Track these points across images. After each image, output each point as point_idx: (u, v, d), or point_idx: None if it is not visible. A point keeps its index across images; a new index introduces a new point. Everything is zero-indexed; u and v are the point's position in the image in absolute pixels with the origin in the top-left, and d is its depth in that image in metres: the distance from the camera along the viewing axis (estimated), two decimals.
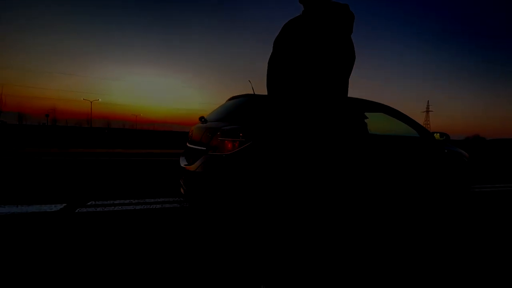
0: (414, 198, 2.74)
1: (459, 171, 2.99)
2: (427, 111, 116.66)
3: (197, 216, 2.29)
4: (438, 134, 2.74)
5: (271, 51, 1.31)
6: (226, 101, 2.83)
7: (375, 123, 2.57)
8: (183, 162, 2.34)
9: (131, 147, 10.39)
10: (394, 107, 2.75)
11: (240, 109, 2.28)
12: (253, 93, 2.47)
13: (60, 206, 2.42)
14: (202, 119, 2.64)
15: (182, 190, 2.27)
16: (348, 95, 1.47)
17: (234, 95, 2.73)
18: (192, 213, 2.37)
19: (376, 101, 2.76)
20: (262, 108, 2.15)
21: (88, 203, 2.54)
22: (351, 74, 1.20)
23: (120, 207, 2.48)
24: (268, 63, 1.28)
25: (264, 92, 2.39)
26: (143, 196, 2.90)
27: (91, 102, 68.56)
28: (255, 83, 2.63)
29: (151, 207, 2.51)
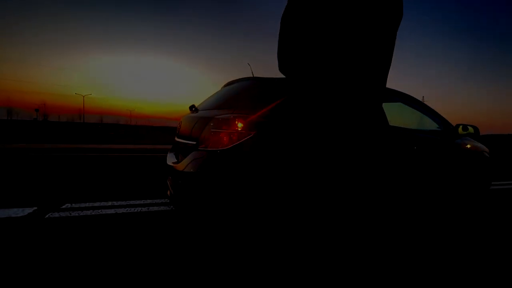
0: (436, 196, 2.48)
1: (481, 167, 2.73)
2: None
3: (188, 222, 1.97)
4: (461, 126, 2.44)
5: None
6: (222, 87, 2.40)
7: (392, 113, 2.26)
8: (170, 160, 1.97)
9: (124, 142, 10.03)
10: None
11: (239, 94, 1.88)
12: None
13: (29, 210, 2.09)
14: (192, 108, 2.20)
15: (168, 193, 1.91)
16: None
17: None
18: (183, 218, 2.05)
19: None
20: (267, 92, 1.76)
21: (63, 206, 2.22)
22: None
23: (99, 210, 2.15)
24: (281, 20, 0.91)
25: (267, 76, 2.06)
26: (128, 197, 2.57)
27: (83, 97, 67.46)
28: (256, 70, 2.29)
29: (136, 210, 2.19)
